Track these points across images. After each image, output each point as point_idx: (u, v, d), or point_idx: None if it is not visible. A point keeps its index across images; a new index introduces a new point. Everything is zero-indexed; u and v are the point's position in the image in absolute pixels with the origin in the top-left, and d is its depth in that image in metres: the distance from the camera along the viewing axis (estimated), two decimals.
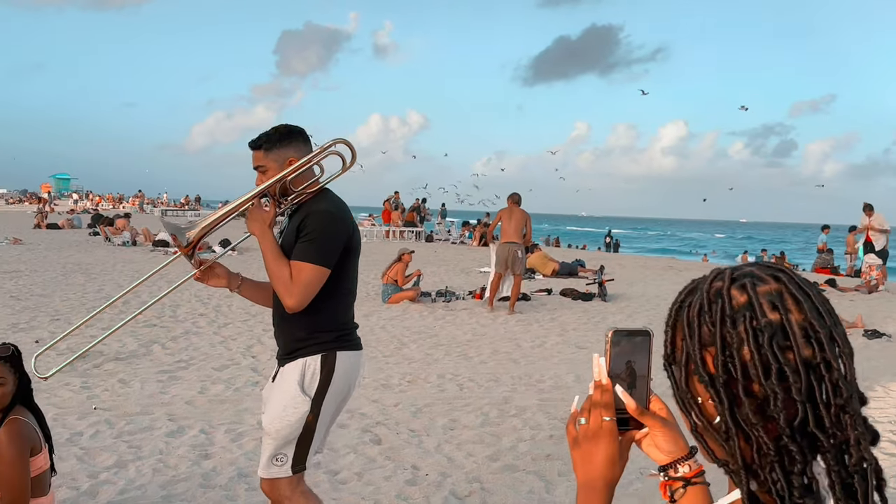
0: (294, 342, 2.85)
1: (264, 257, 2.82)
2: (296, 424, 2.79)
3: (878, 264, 14.85)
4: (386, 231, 30.20)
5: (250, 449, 5.13)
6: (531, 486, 4.56)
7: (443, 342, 9.09)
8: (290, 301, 2.72)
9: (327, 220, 2.79)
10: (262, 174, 2.92)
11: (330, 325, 2.86)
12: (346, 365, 2.85)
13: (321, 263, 2.74)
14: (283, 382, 2.85)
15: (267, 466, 2.86)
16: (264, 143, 2.90)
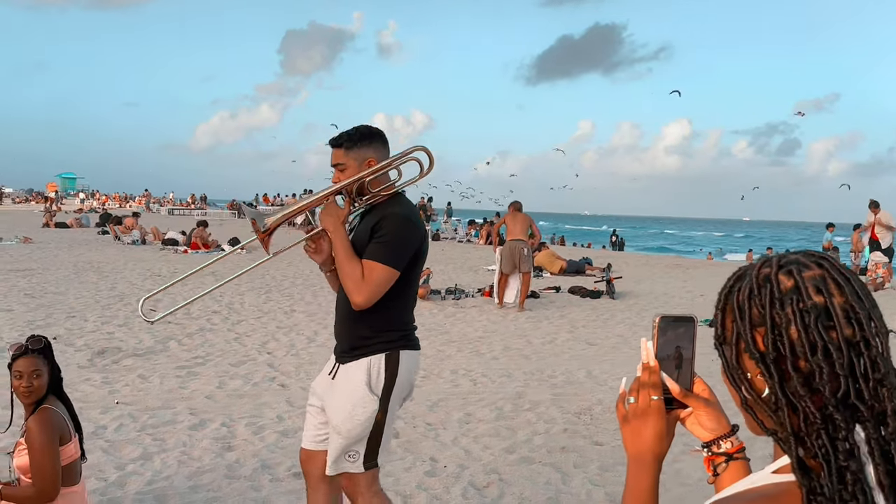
0: (358, 340, 2.93)
1: (336, 253, 2.89)
2: (366, 423, 2.86)
3: (884, 262, 14.92)
4: None
5: (272, 441, 5.24)
6: (548, 478, 4.66)
7: (454, 339, 9.20)
8: (359, 298, 2.79)
9: (403, 225, 2.87)
10: (339, 172, 2.98)
11: (394, 325, 2.95)
12: (408, 364, 2.95)
13: (393, 265, 2.81)
14: (349, 383, 2.91)
15: (337, 462, 2.94)
16: (345, 141, 2.97)
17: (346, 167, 2.96)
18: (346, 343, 2.98)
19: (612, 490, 4.48)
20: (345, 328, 3.01)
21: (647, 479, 1.22)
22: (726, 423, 1.27)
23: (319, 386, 3.14)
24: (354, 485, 2.96)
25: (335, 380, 3.01)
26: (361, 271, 2.80)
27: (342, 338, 3.02)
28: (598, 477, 4.71)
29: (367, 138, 2.98)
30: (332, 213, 2.93)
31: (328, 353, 8.10)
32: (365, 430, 2.87)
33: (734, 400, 1.13)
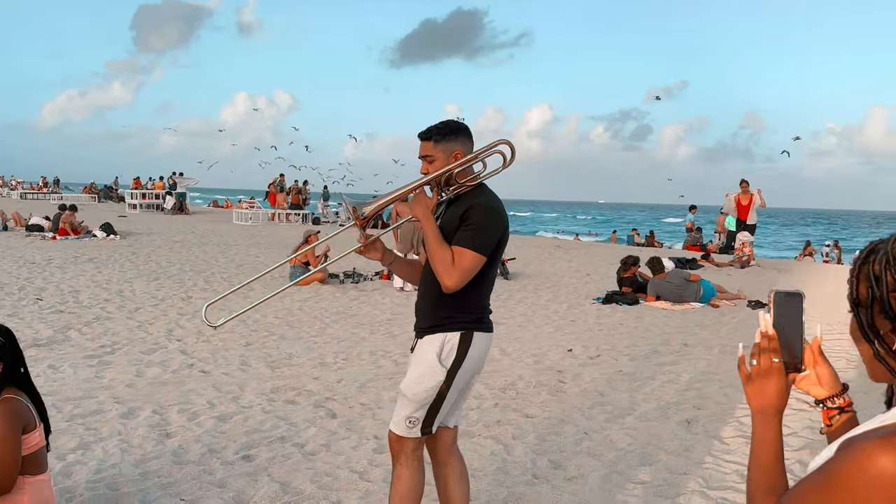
0: (439, 318, 3.08)
1: (427, 239, 3.04)
2: (431, 391, 3.03)
3: (750, 241, 16.07)
4: (272, 214, 29.82)
5: (211, 426, 5.23)
6: (492, 449, 4.89)
7: (364, 322, 9.30)
8: (450, 283, 2.95)
9: (490, 214, 3.04)
10: (428, 163, 3.14)
11: (472, 307, 3.10)
12: (480, 344, 3.11)
13: (481, 252, 2.97)
14: (423, 353, 3.09)
15: (399, 424, 3.11)
16: (434, 134, 3.12)
17: (434, 159, 3.12)
18: (427, 320, 3.13)
19: (554, 458, 4.76)
20: (428, 306, 3.16)
21: (772, 430, 1.45)
22: (840, 383, 1.50)
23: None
24: (402, 445, 3.14)
25: (413, 353, 3.19)
26: (452, 257, 2.96)
27: (425, 315, 3.17)
28: (538, 446, 4.98)
29: (454, 132, 3.14)
30: (422, 202, 3.10)
31: (239, 339, 8.08)
32: (429, 396, 3.05)
33: (864, 355, 1.36)
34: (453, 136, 3.12)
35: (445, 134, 3.11)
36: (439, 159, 3.10)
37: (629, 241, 31.22)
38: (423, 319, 3.16)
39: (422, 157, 3.15)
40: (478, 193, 3.12)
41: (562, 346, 8.07)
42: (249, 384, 6.33)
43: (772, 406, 1.46)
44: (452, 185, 3.14)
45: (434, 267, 3.00)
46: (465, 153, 3.12)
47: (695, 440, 5.09)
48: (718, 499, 4.13)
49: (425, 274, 3.20)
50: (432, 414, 3.09)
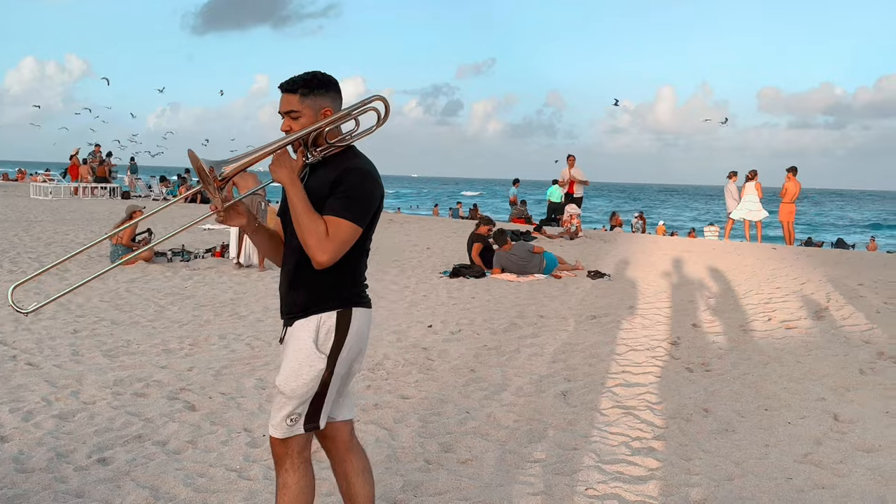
0: (310, 299, 2.73)
1: (294, 208, 2.62)
2: (311, 383, 2.69)
3: (577, 213, 16.62)
4: (75, 188, 27.56)
5: (52, 427, 4.61)
6: (376, 436, 4.63)
7: (204, 303, 8.69)
8: (324, 257, 2.59)
9: (367, 179, 2.69)
10: (291, 120, 2.74)
11: (348, 283, 2.76)
12: (360, 322, 2.78)
13: (358, 222, 2.64)
14: (296, 342, 2.72)
15: (279, 426, 2.73)
16: (301, 87, 2.72)
17: (300, 115, 2.73)
18: (297, 303, 2.77)
19: (443, 440, 4.57)
20: (296, 287, 2.78)
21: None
22: None
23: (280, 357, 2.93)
24: (287, 448, 2.77)
25: (283, 343, 2.82)
26: (325, 228, 2.59)
27: (293, 298, 2.79)
28: (423, 429, 4.77)
29: (324, 85, 2.75)
30: (286, 164, 2.67)
31: (65, 327, 7.31)
32: (310, 390, 2.71)
33: None
34: (323, 90, 2.75)
35: (314, 87, 2.74)
36: (306, 116, 2.73)
37: (454, 214, 31.66)
38: (292, 303, 2.80)
39: (284, 113, 2.75)
40: (350, 156, 2.79)
41: (420, 322, 7.89)
42: (87, 376, 5.67)
43: None
44: (320, 145, 2.77)
45: (304, 240, 2.61)
46: (335, 110, 2.77)
47: (575, 413, 5.06)
48: (615, 472, 4.10)
49: (290, 250, 2.81)
50: (316, 407, 2.75)
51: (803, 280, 10.39)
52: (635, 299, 9.45)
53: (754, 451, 4.38)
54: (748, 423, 4.85)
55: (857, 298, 8.93)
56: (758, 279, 10.66)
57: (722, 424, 4.82)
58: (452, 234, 16.96)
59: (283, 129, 2.78)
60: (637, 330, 7.62)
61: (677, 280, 10.92)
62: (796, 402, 5.26)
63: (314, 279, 2.71)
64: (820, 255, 14.48)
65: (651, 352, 6.67)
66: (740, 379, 5.78)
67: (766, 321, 7.84)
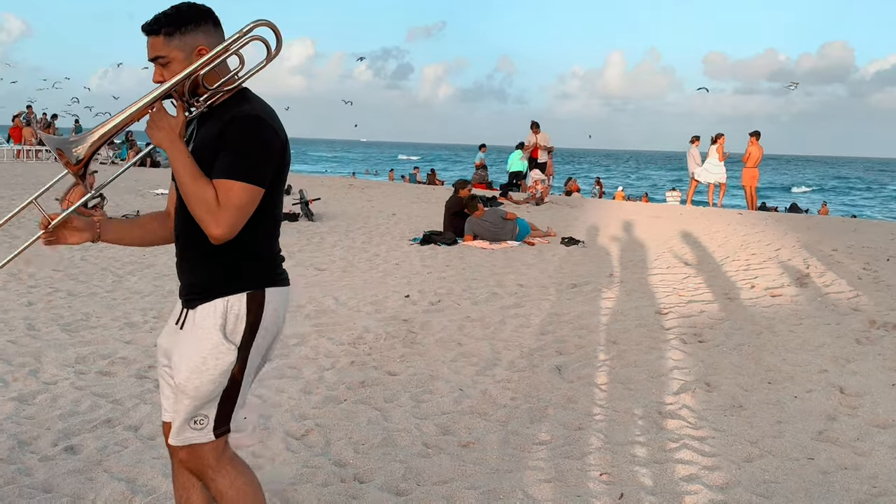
0: (211, 278, 2.29)
1: (178, 175, 2.18)
2: (219, 379, 2.27)
3: (542, 179, 16.38)
4: (17, 151, 26.44)
5: (10, 412, 4.23)
6: (367, 416, 4.31)
7: (165, 272, 8.23)
8: (218, 230, 2.15)
9: (259, 128, 2.21)
10: (162, 67, 2.26)
11: (256, 258, 2.32)
12: (275, 303, 2.34)
13: (255, 182, 2.18)
14: (199, 329, 2.29)
15: (181, 431, 2.30)
16: (164, 26, 2.23)
17: (169, 60, 2.25)
18: (195, 283, 2.34)
19: (439, 421, 4.28)
20: (191, 266, 2.36)
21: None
22: None
23: (165, 340, 2.46)
24: (199, 458, 2.34)
25: (183, 329, 2.36)
26: (215, 194, 2.15)
27: (189, 277, 2.37)
28: (416, 408, 4.47)
29: (192, 19, 2.26)
30: (164, 125, 2.22)
31: (17, 298, 6.85)
32: (217, 387, 2.27)
33: None
34: (192, 26, 2.26)
35: (181, 23, 2.25)
36: (176, 60, 2.25)
37: (411, 178, 31.19)
38: (191, 282, 2.36)
39: (152, 60, 2.28)
40: (239, 101, 2.30)
41: (397, 291, 7.56)
42: (46, 353, 5.25)
43: None
44: (201, 93, 2.30)
45: (192, 210, 2.18)
46: (212, 47, 2.27)
47: (573, 389, 4.81)
48: (627, 455, 3.86)
49: (181, 222, 2.36)
50: (227, 406, 2.32)
51: (777, 246, 10.30)
52: (613, 267, 9.25)
53: (768, 430, 4.17)
54: (755, 398, 4.65)
55: (836, 264, 8.85)
56: (732, 245, 10.54)
57: (728, 400, 4.61)
58: (416, 200, 16.58)
59: (155, 81, 2.29)
60: (621, 299, 7.40)
61: (652, 246, 10.75)
62: (799, 374, 5.08)
63: (215, 255, 2.27)
64: (786, 220, 14.47)
65: (639, 321, 6.45)
66: (737, 350, 5.58)
67: (749, 289, 7.69)
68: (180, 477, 2.54)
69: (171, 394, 2.42)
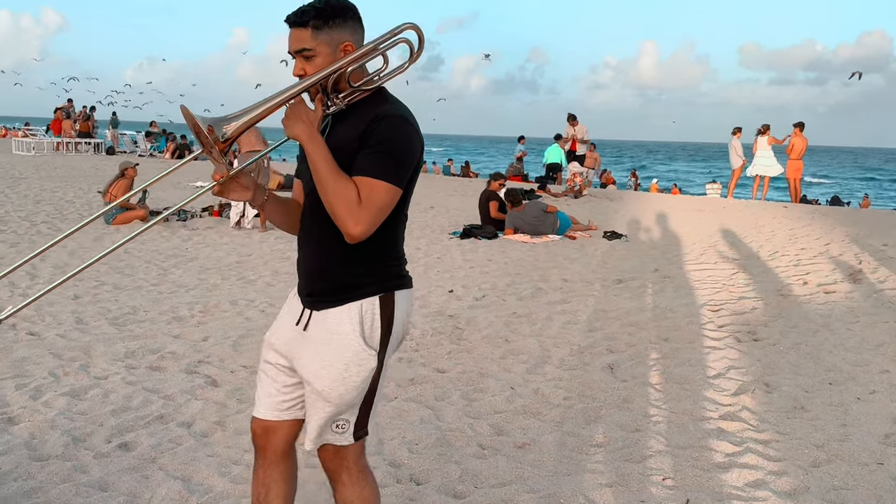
0: (345, 280, 2.25)
1: (317, 171, 2.12)
2: (362, 385, 2.23)
3: (581, 171, 16.21)
4: (57, 143, 26.79)
5: (63, 407, 4.22)
6: (420, 415, 4.25)
7: (209, 265, 8.24)
8: (357, 228, 2.09)
9: (405, 129, 2.18)
10: (305, 61, 2.21)
11: (389, 260, 2.29)
12: (404, 306, 2.31)
13: (397, 183, 2.14)
14: (336, 336, 2.23)
15: (320, 434, 2.29)
16: (313, 18, 2.18)
17: (315, 54, 2.19)
18: (325, 284, 2.28)
19: (493, 421, 4.20)
20: (324, 266, 2.28)
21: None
22: None
23: (282, 339, 2.38)
24: (341, 459, 2.33)
25: (309, 331, 2.29)
26: (356, 192, 2.09)
27: (319, 278, 2.29)
28: (468, 407, 4.40)
29: (340, 14, 2.20)
30: (304, 118, 2.14)
31: (63, 291, 6.85)
32: (360, 393, 2.24)
33: None
34: (340, 21, 2.20)
35: (329, 17, 2.19)
36: (322, 54, 2.20)
37: (445, 171, 31.10)
38: (319, 283, 2.30)
39: (295, 53, 2.23)
40: (379, 101, 2.25)
41: (440, 287, 7.50)
42: (96, 347, 5.26)
43: None
44: (343, 90, 2.24)
45: (331, 208, 2.12)
46: (358, 44, 2.24)
47: (628, 389, 4.71)
48: (689, 458, 3.75)
49: (313, 219, 2.29)
50: (366, 410, 2.31)
51: (826, 240, 10.07)
52: (658, 261, 9.09)
53: (834, 433, 4.04)
54: (817, 399, 4.52)
55: (888, 260, 8.62)
56: (779, 239, 10.33)
57: (790, 401, 4.48)
58: (454, 193, 16.51)
59: (295, 74, 2.24)
60: (669, 295, 7.26)
61: (696, 240, 10.57)
62: (860, 374, 4.93)
63: (348, 256, 2.22)
64: (832, 213, 14.18)
65: (690, 318, 6.32)
66: (795, 349, 5.44)
67: (802, 285, 7.51)
68: (262, 473, 2.49)
69: (278, 392, 2.40)
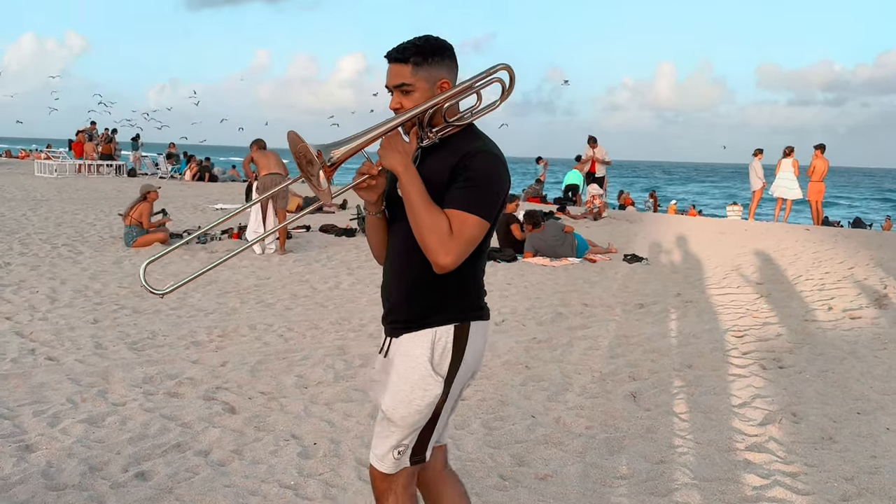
0: (423, 308, 2.33)
1: (410, 201, 2.20)
2: (425, 410, 2.31)
3: (600, 193, 16.15)
4: (79, 165, 27.06)
5: (80, 434, 4.19)
6: None
7: (228, 289, 8.23)
8: (447, 259, 2.17)
9: (496, 165, 2.26)
10: (402, 95, 2.31)
11: (468, 290, 2.36)
12: (478, 337, 2.37)
13: (487, 217, 2.22)
14: (407, 359, 2.33)
15: (385, 458, 2.36)
16: (413, 55, 2.28)
17: (414, 89, 2.29)
18: (405, 312, 2.37)
19: (514, 451, 4.13)
20: (406, 293, 2.37)
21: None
22: None
23: (379, 371, 2.51)
24: (390, 483, 2.39)
25: (390, 357, 2.42)
26: (448, 224, 2.17)
27: (401, 306, 2.40)
28: (488, 437, 4.33)
29: (438, 52, 2.31)
30: (399, 149, 2.25)
31: (84, 315, 6.87)
32: (422, 418, 2.32)
33: None
34: (438, 59, 2.31)
35: (428, 54, 2.29)
36: (420, 90, 2.29)
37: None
38: (400, 310, 2.39)
39: (393, 87, 2.32)
40: (471, 137, 2.34)
41: None
42: (114, 373, 5.24)
43: None
44: (437, 125, 2.33)
45: (422, 238, 2.19)
46: (453, 81, 2.34)
47: (651, 419, 4.62)
48: (717, 491, 3.66)
49: (401, 246, 2.37)
50: (426, 437, 2.37)
51: (850, 264, 9.93)
52: (680, 286, 8.99)
53: (863, 465, 3.94)
54: (846, 430, 4.41)
55: None
56: (803, 263, 10.20)
57: (817, 432, 4.38)
58: None
59: (392, 107, 2.33)
60: (691, 320, 7.16)
61: (719, 264, 10.45)
62: (889, 403, 4.82)
63: (431, 284, 2.30)
64: (856, 236, 14.00)
65: (714, 345, 6.22)
66: (821, 377, 5.33)
67: (827, 311, 7.39)
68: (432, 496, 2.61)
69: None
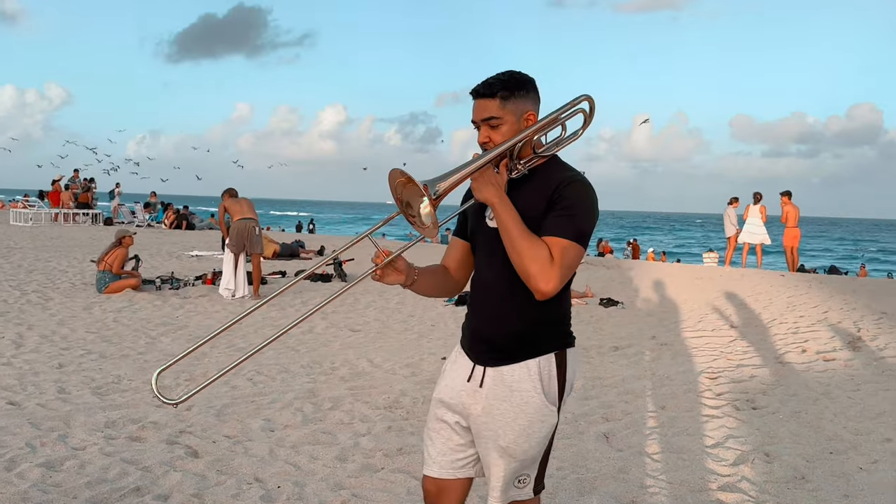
0: (523, 337, 2.35)
1: (508, 232, 2.23)
2: (544, 441, 2.36)
3: None
4: (55, 214, 26.86)
5: (38, 478, 4.07)
6: (406, 487, 4.09)
7: (198, 333, 8.12)
8: (549, 285, 2.19)
9: (589, 193, 2.32)
10: (491, 129, 2.35)
11: (564, 317, 2.41)
12: (574, 365, 2.43)
13: (583, 243, 2.27)
14: (518, 393, 2.33)
15: (505, 491, 2.39)
16: (501, 90, 2.32)
17: (502, 122, 2.33)
18: (505, 341, 2.37)
19: (483, 492, 4.04)
20: (505, 323, 2.36)
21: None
22: None
23: (454, 397, 2.45)
24: None
25: (484, 388, 2.38)
26: (549, 251, 2.20)
27: (497, 336, 2.38)
28: None
29: (523, 85, 2.35)
30: (493, 181, 2.28)
31: (48, 360, 6.74)
32: (542, 448, 2.37)
33: None
34: (524, 92, 2.35)
35: (515, 88, 2.34)
36: (508, 123, 2.34)
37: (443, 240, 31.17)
38: (497, 340, 2.38)
39: (481, 122, 2.36)
40: (559, 167, 2.41)
41: (433, 354, 7.36)
42: (76, 417, 5.11)
43: None
44: (524, 156, 2.39)
45: (523, 267, 2.21)
46: (538, 113, 2.40)
47: (623, 459, 4.55)
48: None
49: (493, 278, 2.39)
50: (545, 465, 2.45)
51: (824, 308, 9.97)
52: (655, 328, 8.97)
53: None
54: (819, 469, 4.36)
55: (887, 327, 8.51)
56: (777, 307, 10.23)
57: (790, 471, 4.33)
58: None
59: (480, 142, 2.38)
60: (666, 362, 7.13)
61: (694, 308, 10.46)
62: (862, 443, 4.78)
63: (530, 315, 2.33)
64: (830, 281, 14.10)
65: (688, 386, 6.18)
66: (795, 418, 5.29)
67: (800, 353, 7.38)
68: None
69: (451, 451, 2.46)
